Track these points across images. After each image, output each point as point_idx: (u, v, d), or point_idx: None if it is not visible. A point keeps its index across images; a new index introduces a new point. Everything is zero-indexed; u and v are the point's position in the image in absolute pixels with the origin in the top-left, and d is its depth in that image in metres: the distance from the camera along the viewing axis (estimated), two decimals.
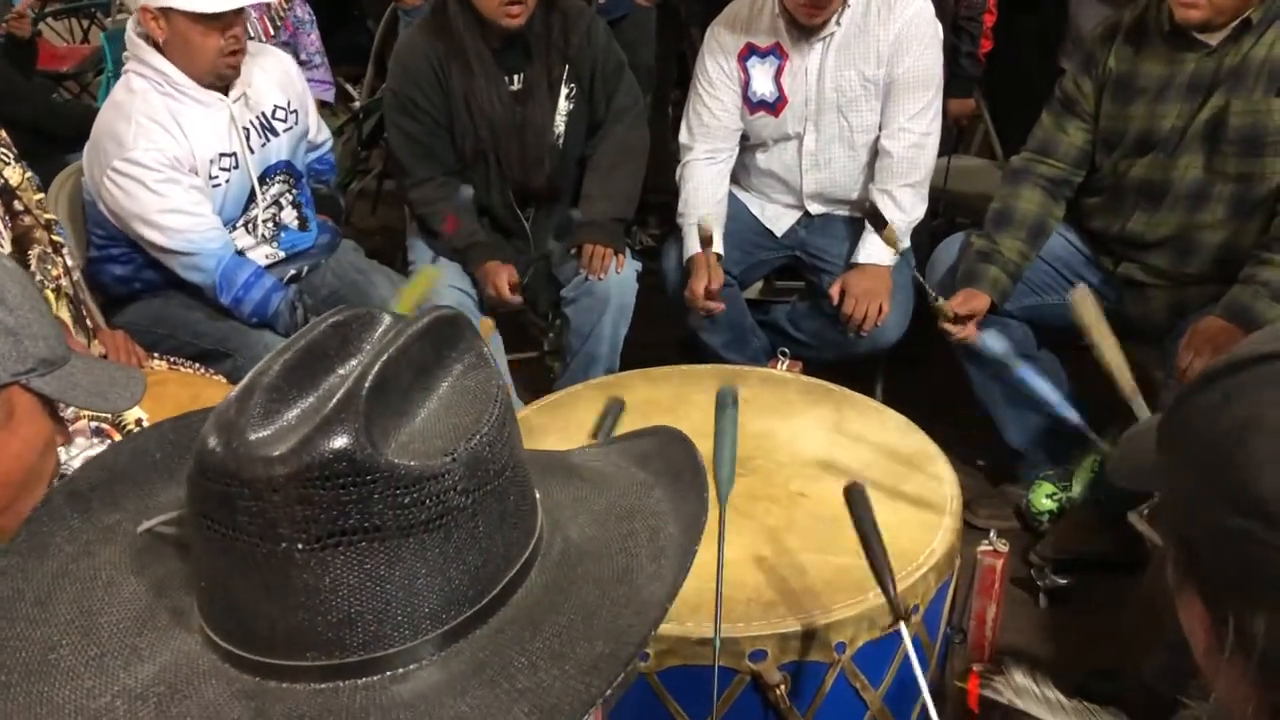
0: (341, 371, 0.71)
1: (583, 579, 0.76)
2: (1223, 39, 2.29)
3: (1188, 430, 0.75)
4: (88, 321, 2.20)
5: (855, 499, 1.69)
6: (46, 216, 2.13)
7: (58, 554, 0.81)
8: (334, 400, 0.67)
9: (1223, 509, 0.69)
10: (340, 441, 0.65)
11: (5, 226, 2.01)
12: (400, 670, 0.68)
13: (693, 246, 2.75)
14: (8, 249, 1.98)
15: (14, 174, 2.06)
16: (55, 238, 2.13)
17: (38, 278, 2.03)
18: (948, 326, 2.48)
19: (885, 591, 1.55)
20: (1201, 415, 0.73)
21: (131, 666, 0.71)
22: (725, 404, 1.74)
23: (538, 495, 0.79)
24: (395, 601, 0.67)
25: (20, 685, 0.70)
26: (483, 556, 0.71)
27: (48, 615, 0.75)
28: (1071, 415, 1.80)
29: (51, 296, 2.06)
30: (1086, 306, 1.82)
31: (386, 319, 0.75)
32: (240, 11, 2.40)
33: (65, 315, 2.09)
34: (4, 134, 2.10)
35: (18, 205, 2.05)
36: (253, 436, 0.66)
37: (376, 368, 0.68)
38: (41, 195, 2.16)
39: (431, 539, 0.67)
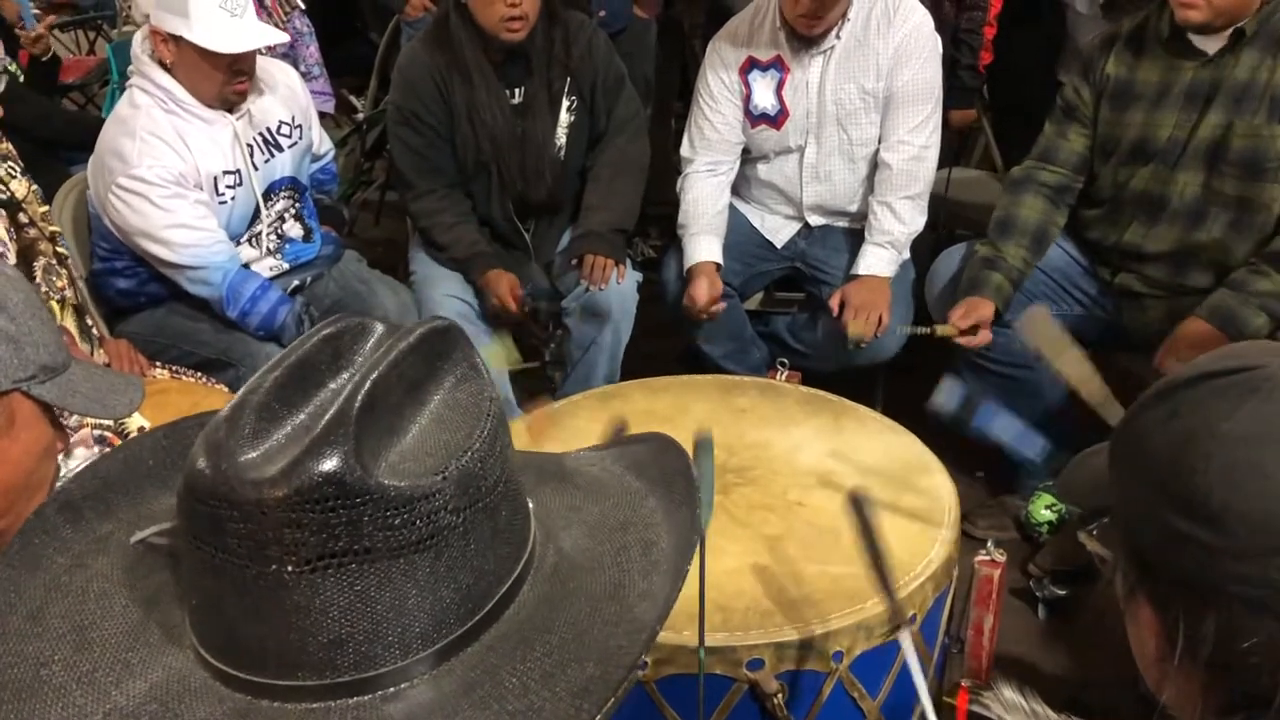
0: (333, 386, 0.70)
1: (575, 594, 0.76)
2: (1219, 49, 2.30)
3: (1138, 443, 0.78)
4: (94, 331, 2.20)
5: (858, 508, 1.64)
6: (51, 229, 2.13)
7: (50, 566, 0.81)
8: (324, 420, 0.66)
9: (1172, 515, 0.73)
10: (330, 464, 0.64)
11: (11, 239, 2.02)
12: (391, 690, 0.68)
13: (693, 257, 2.76)
14: (13, 261, 1.99)
15: (20, 187, 2.06)
16: (60, 250, 2.14)
17: (43, 289, 2.04)
18: (960, 340, 2.49)
19: (889, 596, 1.52)
20: (1151, 428, 0.77)
21: (123, 683, 0.71)
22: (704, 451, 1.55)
23: (531, 505, 0.79)
24: (386, 622, 0.67)
25: (11, 704, 0.70)
26: (474, 575, 0.71)
27: (40, 629, 0.75)
28: (1031, 451, 1.76)
29: (56, 307, 2.07)
30: (1037, 327, 1.79)
31: (379, 330, 0.74)
32: None
33: (71, 325, 2.09)
34: (10, 148, 2.11)
35: (23, 218, 2.06)
36: (242, 458, 0.66)
37: (367, 385, 0.68)
38: (46, 208, 2.17)
39: (422, 559, 0.67)
